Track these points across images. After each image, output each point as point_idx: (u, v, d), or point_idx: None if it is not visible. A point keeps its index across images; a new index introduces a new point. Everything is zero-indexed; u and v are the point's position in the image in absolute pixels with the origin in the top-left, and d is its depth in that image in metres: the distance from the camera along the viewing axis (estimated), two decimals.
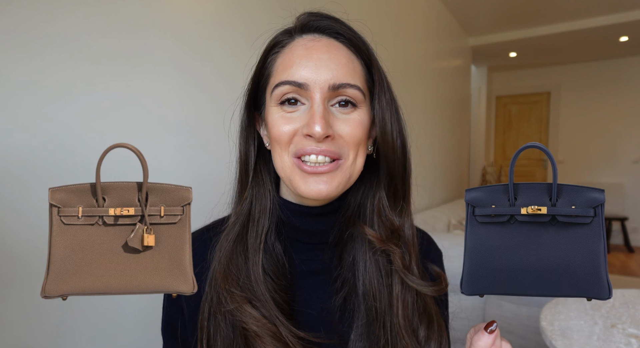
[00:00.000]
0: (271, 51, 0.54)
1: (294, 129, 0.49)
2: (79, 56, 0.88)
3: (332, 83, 0.49)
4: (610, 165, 5.35)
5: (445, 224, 2.65)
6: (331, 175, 0.49)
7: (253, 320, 0.49)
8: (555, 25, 4.05)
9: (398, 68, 2.56)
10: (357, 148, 0.51)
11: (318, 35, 0.52)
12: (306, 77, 0.48)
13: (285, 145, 0.50)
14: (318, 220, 0.56)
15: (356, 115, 0.51)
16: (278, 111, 0.51)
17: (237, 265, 0.52)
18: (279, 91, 0.50)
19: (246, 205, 0.54)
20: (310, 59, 0.49)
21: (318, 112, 0.48)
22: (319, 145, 0.48)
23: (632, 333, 1.13)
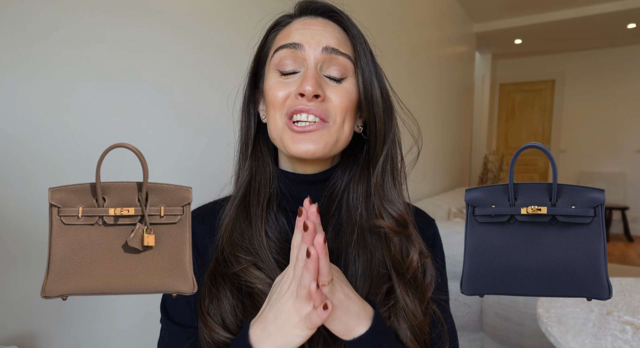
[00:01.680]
0: (272, 30, 0.59)
1: (288, 92, 0.53)
2: (79, 54, 0.87)
3: (324, 45, 0.53)
4: (613, 154, 5.32)
5: (445, 212, 2.65)
6: (318, 134, 0.53)
7: (259, 280, 0.53)
8: (562, 12, 3.97)
9: (402, 54, 2.53)
10: (345, 114, 0.55)
11: (314, 16, 0.58)
12: (301, 39, 0.53)
13: (279, 107, 0.54)
14: (311, 188, 0.60)
15: (345, 85, 0.55)
16: (275, 76, 0.55)
17: (241, 231, 0.56)
18: (278, 56, 0.54)
19: (247, 176, 0.59)
20: (307, 29, 0.55)
21: (311, 73, 0.52)
22: (308, 104, 0.52)
23: (627, 320, 1.14)
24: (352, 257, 0.57)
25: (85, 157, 0.89)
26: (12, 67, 0.77)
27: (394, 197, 0.58)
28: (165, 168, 1.09)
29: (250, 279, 0.53)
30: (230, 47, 1.25)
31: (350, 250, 0.57)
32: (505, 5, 3.84)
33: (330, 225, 0.59)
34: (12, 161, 0.78)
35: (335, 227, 0.59)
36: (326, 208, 0.60)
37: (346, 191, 0.60)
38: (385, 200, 0.57)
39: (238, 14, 1.27)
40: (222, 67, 1.22)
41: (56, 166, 0.85)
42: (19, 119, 0.79)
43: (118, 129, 0.96)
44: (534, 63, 5.72)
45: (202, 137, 1.18)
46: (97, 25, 0.91)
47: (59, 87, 0.85)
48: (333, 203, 0.60)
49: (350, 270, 0.57)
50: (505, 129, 6.00)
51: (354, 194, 0.59)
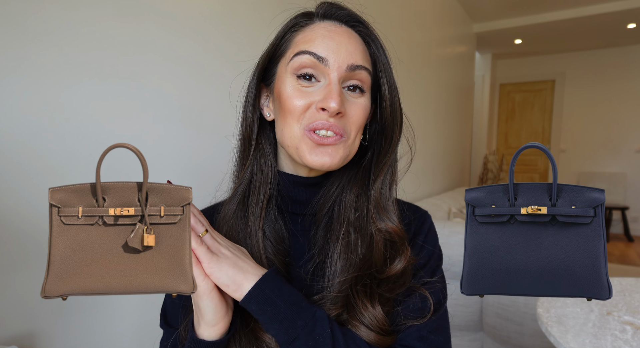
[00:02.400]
0: (291, 29, 0.57)
1: (309, 102, 0.53)
2: (79, 54, 0.87)
3: (350, 63, 0.53)
4: (613, 155, 5.32)
5: (445, 212, 2.65)
6: (335, 148, 0.53)
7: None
8: (562, 12, 3.97)
9: (402, 54, 2.53)
10: (358, 130, 0.56)
11: (338, 23, 0.57)
12: (327, 54, 0.52)
13: (298, 117, 0.53)
14: (310, 190, 0.60)
15: (362, 101, 0.55)
16: (293, 82, 0.54)
17: (237, 230, 0.56)
18: (298, 60, 0.53)
19: (247, 173, 0.58)
20: (333, 39, 0.53)
21: (335, 89, 0.52)
22: (330, 120, 0.52)
23: (627, 320, 1.14)
24: (336, 254, 0.57)
25: (85, 157, 0.89)
26: (12, 67, 0.77)
27: (390, 206, 0.59)
28: (165, 168, 1.09)
29: None
30: (231, 47, 1.25)
31: (335, 247, 0.57)
32: (505, 5, 3.84)
33: (322, 223, 0.60)
34: (12, 161, 0.78)
35: (327, 226, 0.60)
36: (320, 208, 0.60)
37: (340, 192, 0.61)
38: (381, 209, 0.58)
39: (238, 13, 1.27)
40: (223, 67, 1.22)
41: (56, 166, 0.85)
42: (19, 119, 0.79)
43: (118, 129, 0.96)
44: (534, 63, 5.72)
45: (202, 137, 1.18)
46: (97, 25, 0.91)
47: (59, 87, 0.85)
48: (327, 203, 0.60)
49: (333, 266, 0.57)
50: (505, 129, 6.00)
51: (348, 195, 0.60)
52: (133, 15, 0.98)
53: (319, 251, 0.59)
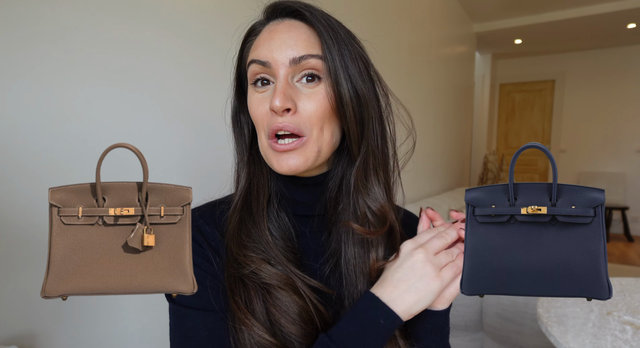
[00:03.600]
0: (247, 39, 0.59)
1: (265, 108, 0.53)
2: (79, 54, 0.87)
3: (291, 57, 0.52)
4: (613, 154, 5.32)
5: (445, 212, 2.65)
6: (298, 152, 0.52)
7: (275, 276, 0.54)
8: (562, 11, 3.97)
9: (402, 54, 2.53)
10: (322, 123, 0.53)
11: (281, 19, 0.56)
12: (268, 56, 0.52)
13: (261, 125, 0.54)
14: (307, 191, 0.60)
15: (320, 89, 0.52)
16: (253, 92, 0.55)
17: (247, 233, 0.56)
18: (250, 71, 0.54)
19: (245, 182, 0.59)
20: (273, 39, 0.53)
21: (278, 88, 0.51)
22: (281, 120, 0.51)
23: (628, 320, 1.14)
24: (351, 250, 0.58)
25: (85, 157, 0.89)
26: (12, 67, 0.77)
27: (376, 193, 0.57)
28: (165, 168, 1.09)
29: (266, 275, 0.54)
30: (232, 47, 1.25)
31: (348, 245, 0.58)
32: (505, 5, 3.84)
33: (332, 224, 0.59)
34: (13, 161, 0.78)
35: (337, 225, 0.59)
36: (325, 209, 0.60)
37: (340, 189, 0.59)
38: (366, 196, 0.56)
39: (239, 13, 1.27)
40: (223, 67, 1.22)
41: (56, 166, 0.85)
42: (19, 119, 0.79)
43: (118, 129, 0.96)
44: (534, 63, 5.72)
45: (202, 137, 1.18)
46: (97, 25, 0.91)
47: (59, 87, 0.85)
48: (331, 203, 0.60)
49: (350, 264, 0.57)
50: (505, 129, 6.00)
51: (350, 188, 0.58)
52: (133, 15, 0.98)
53: (334, 252, 0.59)
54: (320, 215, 0.61)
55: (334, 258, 0.58)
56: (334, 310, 0.57)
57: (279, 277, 0.54)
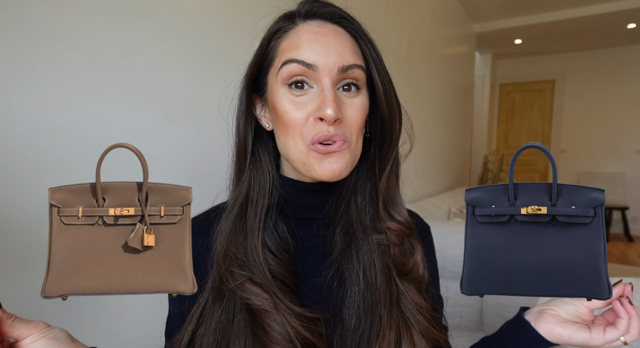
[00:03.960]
0: (274, 35, 0.54)
1: (306, 114, 0.51)
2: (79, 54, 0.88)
3: (340, 65, 0.50)
4: (613, 155, 5.32)
5: (445, 212, 2.65)
6: (342, 154, 0.51)
7: (254, 295, 0.52)
8: (562, 11, 3.97)
9: (402, 54, 2.53)
10: (359, 131, 0.54)
11: (323, 22, 0.54)
12: (316, 59, 0.50)
13: (299, 131, 0.51)
14: (317, 196, 0.58)
15: (359, 100, 0.53)
16: (286, 94, 0.52)
17: (237, 245, 0.54)
18: (287, 70, 0.51)
19: (244, 187, 0.56)
20: (319, 43, 0.51)
21: (329, 96, 0.49)
22: (330, 129, 0.50)
23: None
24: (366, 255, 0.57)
25: (85, 157, 0.89)
26: (12, 67, 0.77)
27: (398, 200, 0.58)
28: (165, 168, 1.09)
29: (247, 295, 0.52)
30: (232, 46, 1.25)
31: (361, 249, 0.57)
32: (505, 5, 3.84)
33: (339, 226, 0.59)
34: (12, 161, 0.78)
35: (344, 227, 0.59)
36: (334, 211, 0.59)
37: (354, 192, 0.59)
38: (389, 203, 0.58)
39: (239, 13, 1.27)
40: (223, 67, 1.22)
41: (56, 166, 0.85)
42: (19, 118, 0.79)
43: (118, 129, 0.96)
44: (534, 63, 5.72)
45: (203, 137, 1.18)
46: (97, 25, 0.91)
47: (59, 87, 0.85)
48: (341, 206, 0.59)
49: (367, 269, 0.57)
50: (505, 129, 6.00)
51: (362, 195, 0.59)
52: (134, 15, 0.98)
53: (339, 256, 0.57)
54: (322, 219, 0.60)
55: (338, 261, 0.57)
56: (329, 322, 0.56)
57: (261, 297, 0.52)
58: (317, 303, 0.56)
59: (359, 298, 0.55)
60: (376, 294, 0.55)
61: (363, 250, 0.57)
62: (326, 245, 0.59)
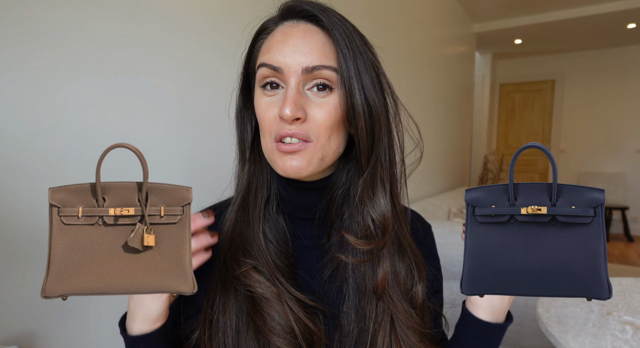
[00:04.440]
0: (258, 37, 0.57)
1: (273, 113, 0.52)
2: (79, 54, 0.87)
3: (305, 66, 0.51)
4: (613, 155, 5.32)
5: (445, 212, 2.65)
6: (300, 153, 0.52)
7: (258, 283, 0.53)
8: (562, 11, 3.97)
9: (402, 54, 2.53)
10: (330, 132, 0.52)
11: (296, 21, 0.54)
12: (280, 62, 0.51)
13: (267, 130, 0.53)
14: (308, 195, 0.59)
15: (330, 99, 0.52)
16: (261, 95, 0.54)
17: (241, 234, 0.56)
18: (259, 73, 0.53)
19: (245, 180, 0.59)
20: (286, 44, 0.51)
21: (289, 96, 0.50)
22: (290, 127, 0.51)
23: (627, 320, 1.14)
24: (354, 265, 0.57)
25: (85, 157, 0.89)
26: (12, 67, 0.77)
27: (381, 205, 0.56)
28: (165, 168, 1.09)
29: (250, 282, 0.53)
30: (231, 46, 1.25)
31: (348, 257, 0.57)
32: (505, 5, 3.84)
33: (333, 229, 0.59)
34: (12, 161, 0.78)
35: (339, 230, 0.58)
36: (327, 213, 0.59)
37: (347, 194, 0.58)
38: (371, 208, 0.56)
39: (239, 13, 1.27)
40: (223, 67, 1.22)
41: (56, 166, 0.85)
42: (19, 119, 0.79)
43: (118, 128, 0.96)
44: (534, 63, 5.72)
45: (203, 137, 1.18)
46: (97, 24, 0.91)
47: (59, 86, 0.85)
48: (333, 207, 0.59)
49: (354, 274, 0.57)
50: (505, 129, 6.00)
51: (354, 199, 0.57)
52: (132, 14, 0.98)
53: (334, 257, 0.58)
54: (319, 219, 0.60)
55: (333, 264, 0.58)
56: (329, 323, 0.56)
57: (264, 285, 0.53)
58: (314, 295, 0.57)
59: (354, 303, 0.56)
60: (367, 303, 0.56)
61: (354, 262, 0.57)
62: (322, 246, 0.60)
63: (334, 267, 0.58)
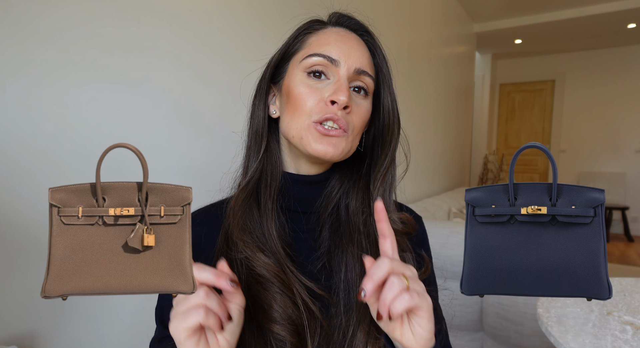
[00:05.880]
0: (304, 31, 0.61)
1: (318, 98, 0.56)
2: (79, 54, 0.88)
3: (357, 67, 0.58)
4: (613, 155, 5.32)
5: (445, 212, 2.65)
6: (339, 140, 0.56)
7: (264, 265, 0.54)
8: (562, 11, 3.97)
9: (402, 54, 2.53)
10: (360, 129, 0.59)
11: (349, 31, 0.62)
12: (339, 55, 0.57)
13: (307, 111, 0.56)
14: (309, 189, 0.62)
15: (365, 103, 0.60)
16: (304, 79, 0.57)
17: (251, 220, 0.58)
18: (311, 60, 0.57)
19: (259, 167, 0.60)
20: (344, 43, 0.58)
21: (345, 85, 0.56)
22: (338, 113, 0.55)
23: (628, 320, 1.14)
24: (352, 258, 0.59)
25: (85, 157, 0.89)
26: (12, 68, 0.77)
27: (390, 207, 0.61)
28: (165, 168, 1.09)
29: (256, 263, 0.54)
30: (231, 47, 1.25)
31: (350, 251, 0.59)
32: (505, 5, 3.84)
33: (327, 223, 0.62)
34: (12, 161, 0.78)
35: (333, 226, 0.61)
36: (324, 208, 0.63)
37: (344, 196, 0.63)
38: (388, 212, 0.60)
39: (238, 14, 1.27)
40: (223, 67, 1.22)
41: (56, 166, 0.85)
42: (19, 119, 0.79)
43: (118, 129, 0.96)
44: (534, 63, 5.72)
45: (202, 137, 1.18)
46: (97, 25, 0.91)
47: (59, 87, 0.85)
48: (330, 204, 0.62)
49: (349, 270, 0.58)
50: (505, 129, 6.00)
51: (354, 201, 0.62)
52: (135, 15, 0.98)
53: (326, 251, 0.60)
54: (313, 213, 0.63)
55: (325, 257, 0.60)
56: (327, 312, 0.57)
57: (270, 268, 0.54)
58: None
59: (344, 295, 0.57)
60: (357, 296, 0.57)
61: (347, 253, 0.59)
62: (315, 240, 0.62)
63: (326, 259, 0.60)
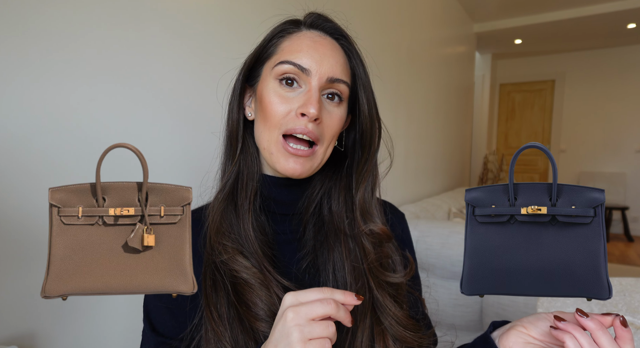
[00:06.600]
0: (278, 34, 0.60)
1: (289, 109, 0.55)
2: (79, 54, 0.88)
3: (330, 76, 0.56)
4: (613, 155, 5.32)
5: (445, 212, 2.65)
6: (307, 159, 0.56)
7: (244, 268, 0.54)
8: (562, 12, 3.97)
9: (402, 54, 2.53)
10: (332, 138, 0.59)
11: (324, 34, 0.60)
12: (311, 65, 0.55)
13: (277, 123, 0.55)
14: (289, 191, 0.62)
15: (339, 110, 0.58)
16: (275, 87, 0.56)
17: (229, 222, 0.58)
18: (282, 68, 0.56)
19: (235, 169, 0.60)
20: (317, 51, 0.56)
21: (315, 96, 0.54)
22: (308, 125, 0.54)
23: (628, 320, 1.14)
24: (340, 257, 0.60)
25: (85, 157, 0.89)
26: (12, 68, 0.77)
27: (373, 210, 0.62)
28: (165, 168, 1.09)
29: (236, 267, 0.54)
30: (230, 47, 1.25)
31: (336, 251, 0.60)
32: (505, 5, 3.84)
33: (310, 223, 0.62)
34: (12, 161, 0.78)
35: (316, 226, 0.62)
36: (306, 208, 0.63)
37: (327, 196, 0.64)
38: (366, 214, 0.61)
39: (238, 14, 1.27)
40: (222, 67, 1.22)
41: (56, 166, 0.85)
42: (19, 119, 0.79)
43: (118, 129, 0.96)
44: (534, 63, 5.72)
45: (203, 137, 1.18)
46: (97, 25, 0.91)
47: (59, 87, 0.85)
48: (312, 204, 0.63)
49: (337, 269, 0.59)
50: (505, 129, 6.00)
51: (336, 202, 0.63)
52: (135, 15, 0.98)
53: (311, 250, 0.61)
54: (296, 214, 0.63)
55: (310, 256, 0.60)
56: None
57: (250, 271, 0.54)
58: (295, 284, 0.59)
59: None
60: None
61: (334, 252, 0.60)
62: (299, 240, 0.62)
63: (311, 259, 0.60)
